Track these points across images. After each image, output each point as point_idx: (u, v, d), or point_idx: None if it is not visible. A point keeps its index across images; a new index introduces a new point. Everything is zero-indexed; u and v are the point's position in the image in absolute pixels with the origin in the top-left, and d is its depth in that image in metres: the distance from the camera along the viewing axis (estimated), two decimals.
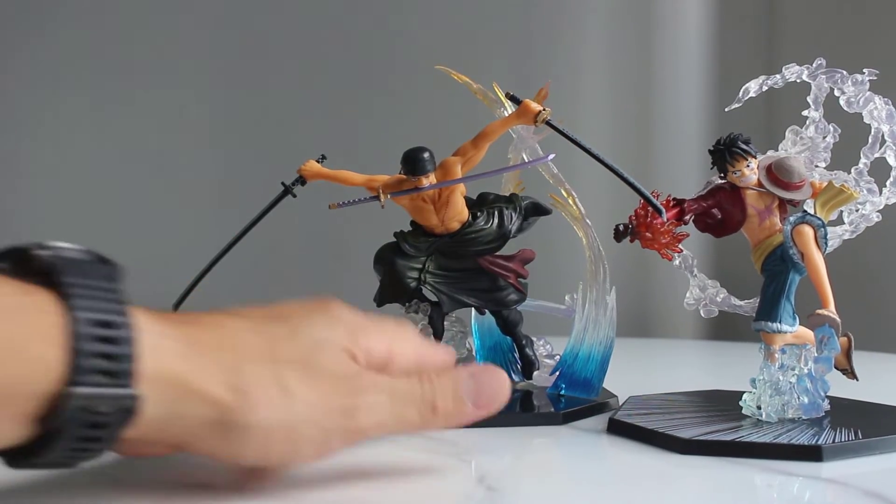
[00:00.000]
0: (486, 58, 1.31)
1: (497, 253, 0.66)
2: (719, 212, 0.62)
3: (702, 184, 0.64)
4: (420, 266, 0.66)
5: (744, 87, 0.64)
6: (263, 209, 0.69)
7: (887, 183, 0.62)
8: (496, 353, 0.73)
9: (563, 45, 1.33)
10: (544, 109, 0.62)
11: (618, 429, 0.61)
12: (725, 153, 0.61)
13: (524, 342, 0.70)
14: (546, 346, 0.74)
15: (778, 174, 0.60)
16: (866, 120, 0.62)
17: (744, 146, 0.60)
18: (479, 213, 0.65)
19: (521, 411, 0.65)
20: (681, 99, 1.34)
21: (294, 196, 0.68)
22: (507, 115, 0.68)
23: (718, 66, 1.34)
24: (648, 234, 0.61)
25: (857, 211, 0.62)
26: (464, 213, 0.65)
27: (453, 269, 0.66)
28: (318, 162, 0.67)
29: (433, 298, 0.67)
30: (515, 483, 0.51)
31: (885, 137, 0.61)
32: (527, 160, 0.68)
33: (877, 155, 0.62)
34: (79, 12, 1.23)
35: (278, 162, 0.76)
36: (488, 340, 0.74)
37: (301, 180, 0.67)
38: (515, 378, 0.72)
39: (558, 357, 0.71)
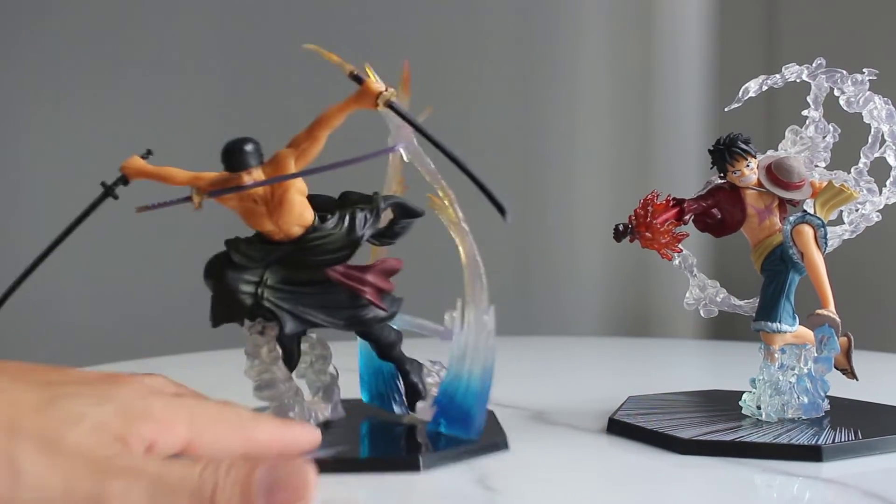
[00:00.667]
0: (485, 57, 1.31)
1: (349, 263, 0.56)
2: (719, 212, 0.62)
3: (701, 184, 0.63)
4: (257, 279, 0.55)
5: (743, 87, 0.64)
6: (80, 214, 0.61)
7: (887, 183, 0.62)
8: (378, 380, 0.64)
9: (563, 45, 1.33)
10: (387, 89, 0.53)
11: (617, 429, 0.61)
12: (725, 153, 0.61)
13: (407, 366, 0.60)
14: (442, 371, 0.61)
15: (778, 174, 0.60)
16: (866, 119, 0.62)
17: (743, 146, 0.60)
18: (328, 216, 0.55)
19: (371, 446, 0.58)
20: (680, 99, 1.34)
21: (115, 198, 0.59)
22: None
23: (718, 65, 1.34)
24: (648, 234, 0.60)
25: (856, 211, 0.62)
26: (306, 216, 0.54)
27: (299, 283, 0.55)
28: (143, 158, 0.58)
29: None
30: (515, 483, 0.51)
31: (885, 137, 0.61)
32: (403, 155, 0.57)
33: (876, 154, 0.62)
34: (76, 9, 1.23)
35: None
36: (370, 367, 0.64)
37: (123, 179, 0.58)
38: (398, 410, 0.63)
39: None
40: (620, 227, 0.61)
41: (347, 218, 0.55)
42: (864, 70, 0.62)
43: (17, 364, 0.41)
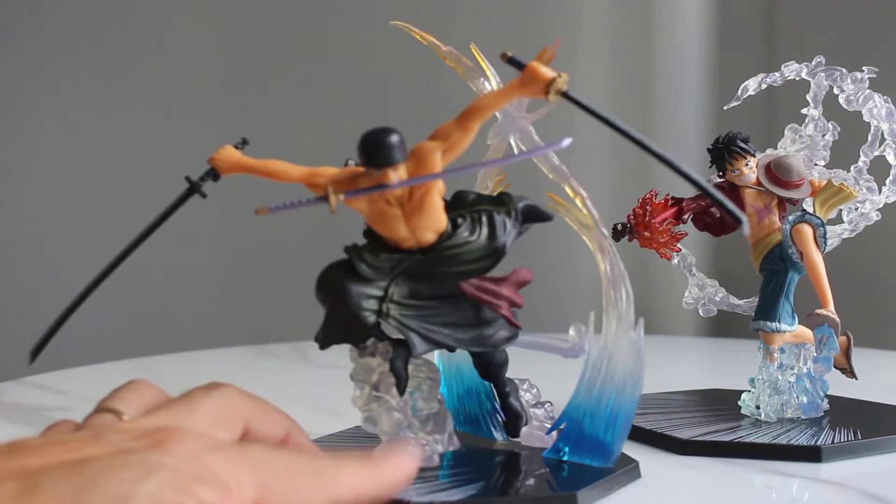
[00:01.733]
0: (485, 56, 1.30)
1: (485, 274, 0.48)
2: (718, 211, 0.62)
3: None
4: (381, 293, 0.47)
5: (742, 86, 0.64)
6: (162, 212, 0.53)
7: (887, 181, 0.61)
8: (470, 402, 0.57)
9: (563, 45, 1.32)
10: (560, 76, 0.47)
11: None
12: (724, 152, 0.60)
13: (507, 389, 0.54)
14: (532, 389, 0.56)
15: (777, 173, 0.60)
16: (866, 118, 0.62)
17: (742, 145, 0.60)
18: (459, 221, 0.48)
19: (503, 483, 0.49)
20: (680, 97, 1.34)
21: (203, 196, 0.51)
22: (492, 86, 0.52)
23: (718, 64, 1.33)
24: (647, 234, 0.60)
25: (856, 209, 0.62)
26: (442, 221, 0.47)
27: (426, 297, 0.48)
28: (237, 148, 0.50)
29: (396, 335, 0.48)
30: None
31: (885, 135, 0.61)
32: (521, 149, 0.53)
33: (876, 153, 0.62)
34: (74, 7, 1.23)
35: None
36: (458, 387, 0.58)
37: (213, 174, 0.50)
38: (497, 436, 0.56)
39: (549, 406, 0.56)
40: (619, 227, 0.61)
41: (486, 223, 0.48)
42: (864, 68, 0.61)
43: (36, 441, 0.34)
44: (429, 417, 0.51)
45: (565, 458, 0.51)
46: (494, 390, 0.54)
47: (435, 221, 0.47)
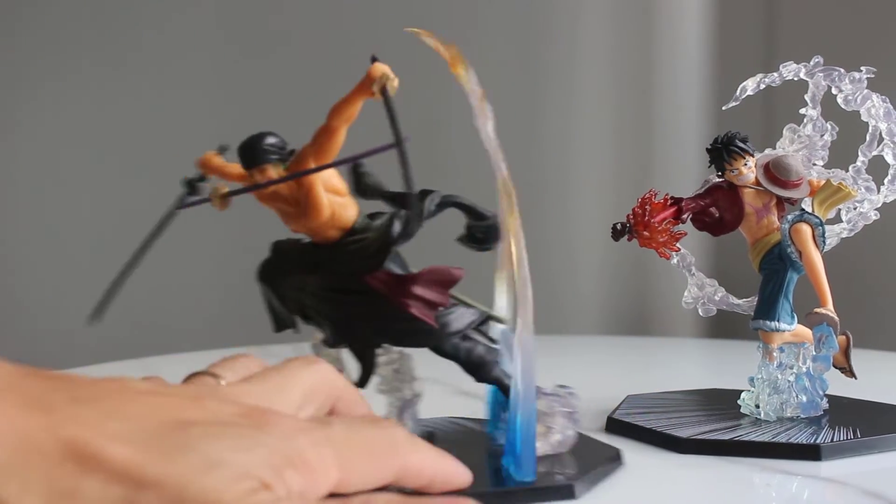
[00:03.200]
0: (484, 56, 1.30)
1: (390, 270, 0.48)
2: (717, 210, 0.62)
3: (700, 182, 0.63)
4: (300, 284, 0.49)
5: (741, 86, 0.64)
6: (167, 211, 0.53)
7: (885, 181, 0.62)
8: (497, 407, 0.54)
9: (563, 45, 1.33)
10: (387, 76, 0.48)
11: (616, 428, 0.61)
12: (723, 151, 0.60)
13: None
14: (573, 399, 0.52)
15: (776, 172, 0.60)
16: (864, 118, 0.62)
17: (741, 144, 0.60)
18: (378, 216, 0.49)
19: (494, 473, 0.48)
20: (679, 97, 1.34)
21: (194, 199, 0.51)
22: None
23: (717, 64, 1.34)
24: (646, 233, 0.60)
25: (854, 209, 0.62)
26: (343, 217, 0.48)
27: (343, 290, 0.48)
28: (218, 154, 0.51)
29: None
30: None
31: (883, 135, 0.61)
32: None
33: (874, 153, 0.62)
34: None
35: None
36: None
37: (201, 178, 0.51)
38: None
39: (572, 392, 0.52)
40: (618, 226, 0.61)
41: (387, 217, 0.48)
42: (862, 68, 0.62)
43: (142, 385, 0.34)
44: (402, 406, 0.51)
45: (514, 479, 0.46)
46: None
47: (330, 218, 0.48)
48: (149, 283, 1.24)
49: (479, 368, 0.50)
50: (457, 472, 0.39)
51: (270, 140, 0.47)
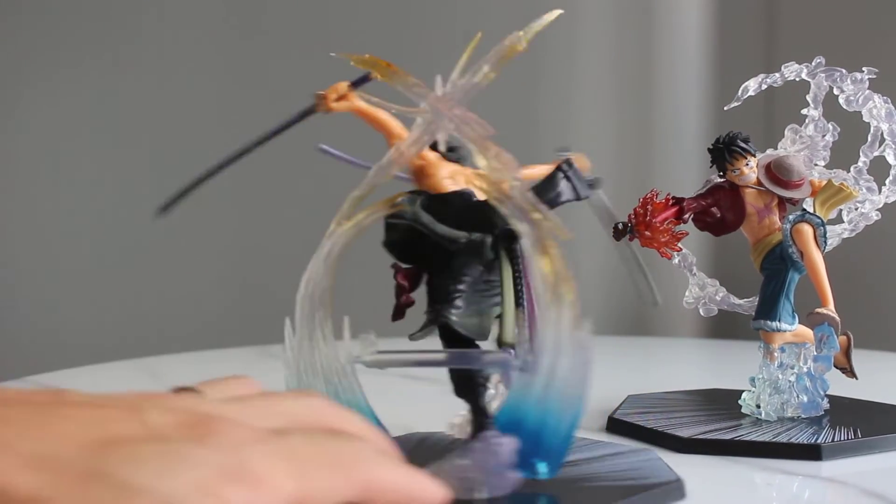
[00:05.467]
0: (484, 55, 1.30)
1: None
2: (718, 210, 0.62)
3: (701, 182, 0.63)
4: None
5: (743, 86, 0.64)
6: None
7: (886, 181, 0.62)
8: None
9: (563, 46, 1.33)
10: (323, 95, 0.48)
11: (617, 427, 0.61)
12: (725, 152, 0.61)
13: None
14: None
15: (777, 173, 0.60)
16: (865, 118, 0.62)
17: (743, 145, 0.60)
18: None
19: None
20: (680, 98, 1.34)
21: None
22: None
23: (718, 65, 1.34)
24: (647, 233, 0.60)
25: (856, 209, 0.62)
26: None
27: None
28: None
29: None
30: None
31: (885, 136, 0.61)
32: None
33: (876, 153, 0.62)
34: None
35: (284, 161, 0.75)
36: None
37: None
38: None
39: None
40: (620, 226, 0.61)
41: None
42: (864, 69, 0.62)
43: (79, 397, 0.31)
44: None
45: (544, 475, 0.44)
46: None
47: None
48: (149, 283, 1.24)
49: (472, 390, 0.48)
50: (429, 491, 0.35)
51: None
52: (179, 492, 0.27)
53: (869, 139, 0.62)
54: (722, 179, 0.62)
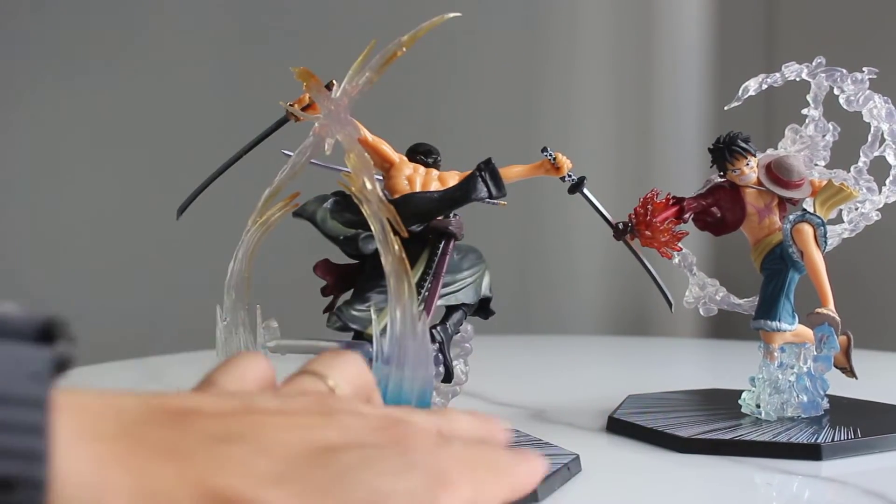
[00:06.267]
0: (486, 56, 1.31)
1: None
2: (719, 210, 0.62)
3: (701, 182, 0.63)
4: None
5: (743, 86, 0.64)
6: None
7: (886, 181, 0.62)
8: None
9: (564, 46, 1.33)
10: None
11: (617, 427, 0.61)
12: (725, 152, 0.61)
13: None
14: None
15: (777, 173, 0.60)
16: (866, 118, 0.62)
17: (743, 145, 0.60)
18: None
19: None
20: (681, 98, 1.34)
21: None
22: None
23: (718, 65, 1.34)
24: (648, 233, 0.60)
25: (856, 209, 0.62)
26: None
27: None
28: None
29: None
30: None
31: (885, 136, 0.61)
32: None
33: (876, 153, 0.62)
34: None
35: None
36: None
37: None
38: None
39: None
40: (620, 226, 0.61)
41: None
42: (864, 69, 0.62)
43: (264, 404, 0.31)
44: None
45: None
46: None
47: None
48: (148, 284, 1.24)
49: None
50: (541, 467, 0.37)
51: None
52: (414, 493, 0.29)
53: (869, 139, 0.62)
54: (722, 179, 0.62)
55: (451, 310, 0.55)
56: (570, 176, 0.60)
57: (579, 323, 1.32)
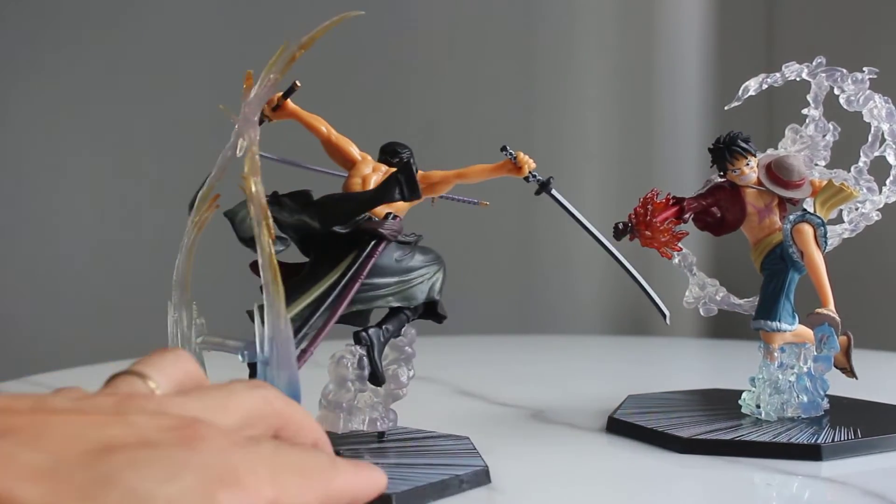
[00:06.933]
0: (488, 56, 1.31)
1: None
2: (719, 210, 0.62)
3: (701, 182, 0.63)
4: None
5: (743, 86, 0.64)
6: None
7: (887, 181, 0.62)
8: None
9: (564, 46, 1.32)
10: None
11: (617, 428, 0.61)
12: (725, 151, 0.60)
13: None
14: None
15: (778, 172, 0.60)
16: (866, 118, 0.62)
17: (743, 144, 0.60)
18: None
19: None
20: (680, 98, 1.34)
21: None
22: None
23: (718, 64, 1.34)
24: (648, 233, 0.60)
25: (856, 209, 0.62)
26: None
27: None
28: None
29: None
30: (515, 481, 0.51)
31: (885, 136, 0.61)
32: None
33: (876, 153, 0.62)
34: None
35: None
36: None
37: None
38: None
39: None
40: (620, 226, 0.61)
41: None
42: (864, 69, 0.62)
43: (59, 402, 0.31)
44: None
45: None
46: None
47: None
48: (149, 283, 1.24)
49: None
50: (376, 482, 0.38)
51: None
52: (183, 496, 0.29)
53: (869, 139, 0.62)
54: (722, 179, 0.62)
55: (393, 312, 0.55)
56: (533, 176, 0.60)
57: (579, 323, 1.32)
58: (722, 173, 0.62)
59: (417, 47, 1.27)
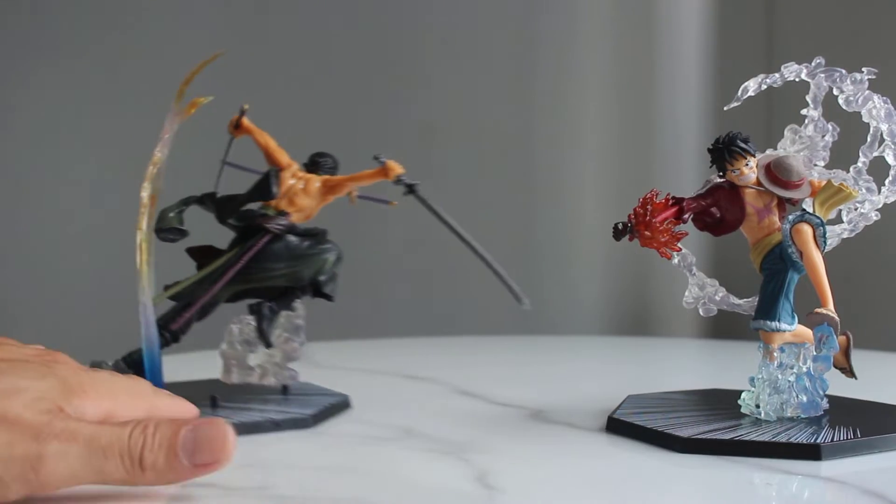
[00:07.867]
0: (488, 57, 1.31)
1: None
2: (718, 210, 0.62)
3: (701, 182, 0.63)
4: None
5: (743, 86, 0.64)
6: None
7: (886, 182, 0.62)
8: None
9: (564, 46, 1.33)
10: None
11: (616, 427, 0.61)
12: (724, 152, 0.61)
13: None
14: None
15: (777, 173, 0.60)
16: (865, 118, 0.62)
17: (743, 145, 0.60)
18: None
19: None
20: (680, 98, 1.34)
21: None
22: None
23: (718, 65, 1.34)
24: (647, 233, 0.60)
25: (855, 210, 0.62)
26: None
27: None
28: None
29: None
30: (514, 481, 0.51)
31: (884, 136, 0.61)
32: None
33: (875, 154, 0.62)
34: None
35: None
36: None
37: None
38: None
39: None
40: (620, 226, 0.61)
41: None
42: (863, 69, 0.62)
43: None
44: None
45: None
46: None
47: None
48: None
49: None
50: (189, 408, 0.52)
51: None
52: (48, 391, 0.43)
53: (868, 139, 0.62)
54: (722, 179, 0.62)
55: (286, 291, 0.68)
56: (401, 180, 0.69)
57: (579, 323, 1.32)
58: (721, 173, 0.62)
59: (417, 47, 1.27)
